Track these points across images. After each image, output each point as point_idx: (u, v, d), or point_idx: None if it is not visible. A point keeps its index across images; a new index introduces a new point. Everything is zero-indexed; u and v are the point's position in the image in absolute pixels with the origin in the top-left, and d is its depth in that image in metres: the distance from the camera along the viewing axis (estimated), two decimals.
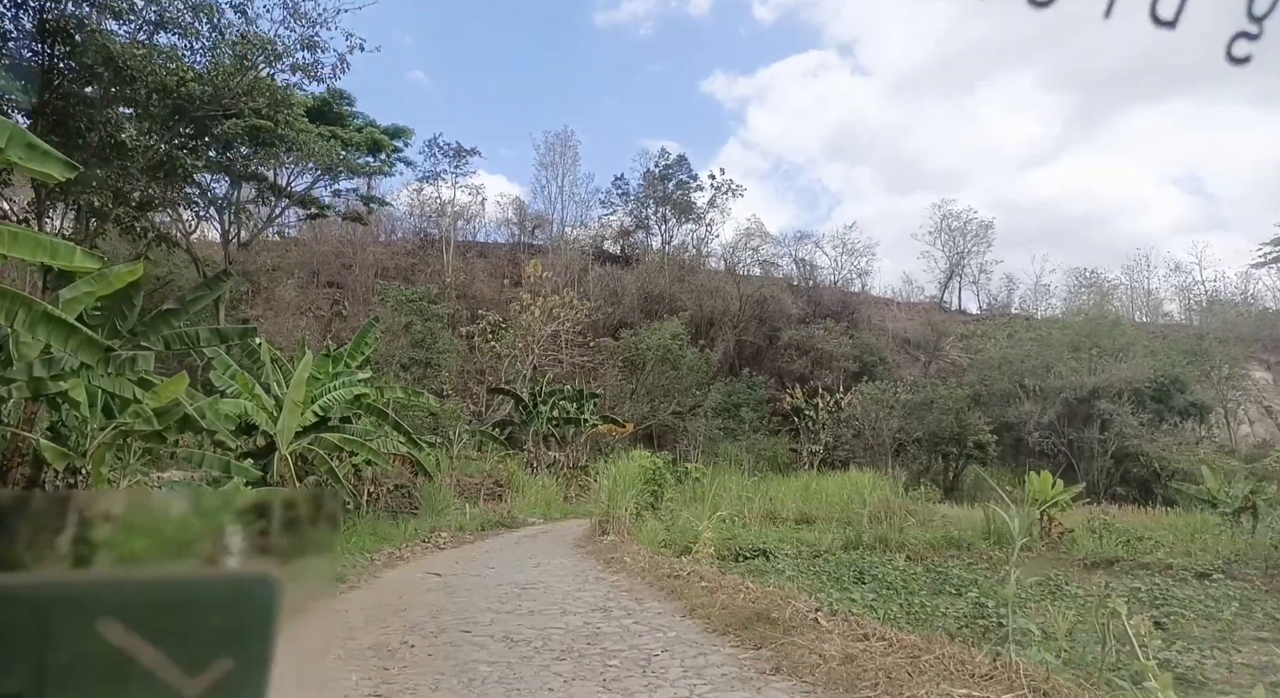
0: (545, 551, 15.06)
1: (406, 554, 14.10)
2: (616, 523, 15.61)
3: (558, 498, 24.95)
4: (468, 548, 15.93)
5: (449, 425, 22.29)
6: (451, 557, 14.24)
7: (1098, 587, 12.19)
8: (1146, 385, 34.74)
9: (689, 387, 34.24)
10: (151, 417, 8.18)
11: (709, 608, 7.45)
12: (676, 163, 50.43)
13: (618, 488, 15.88)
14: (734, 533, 15.70)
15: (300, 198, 30.31)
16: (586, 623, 7.44)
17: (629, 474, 16.32)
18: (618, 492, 15.79)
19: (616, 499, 15.71)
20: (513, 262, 50.27)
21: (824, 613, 6.71)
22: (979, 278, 57.91)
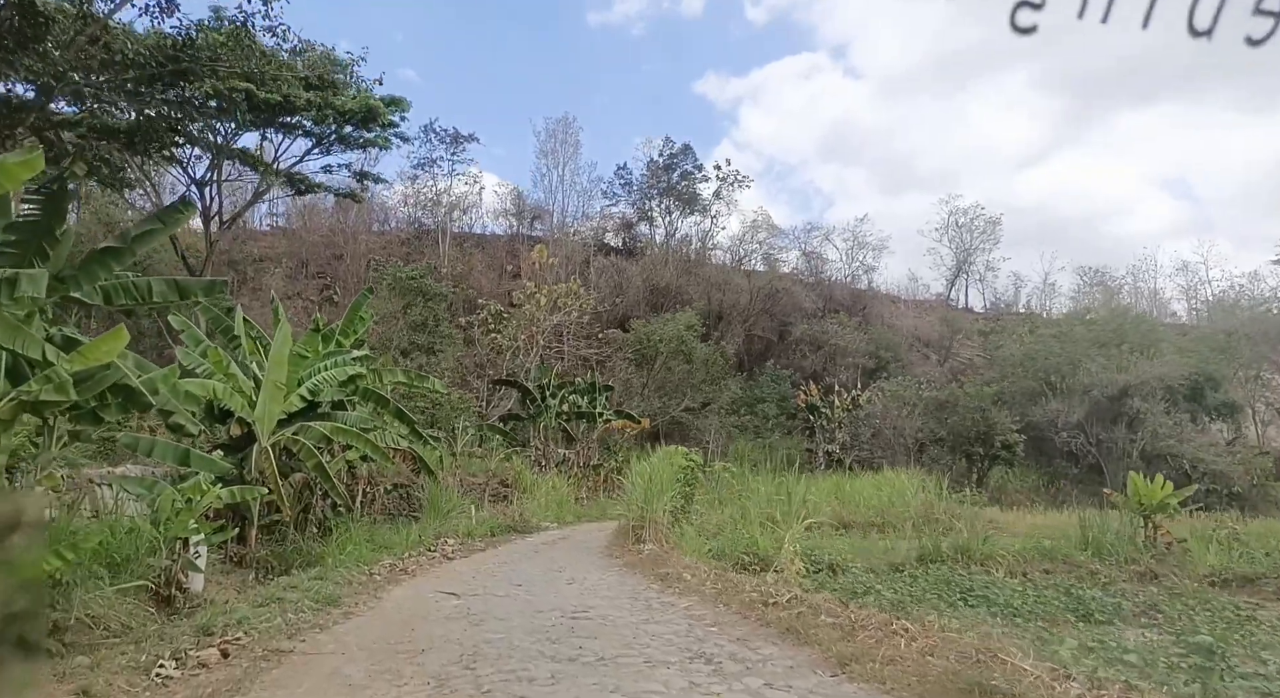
0: (573, 561, 12.69)
1: (411, 566, 11.70)
2: (654, 529, 13.25)
3: (569, 500, 22.57)
4: (480, 558, 13.54)
5: (455, 417, 19.87)
6: (465, 569, 11.85)
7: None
8: (1181, 383, 32.70)
9: (701, 382, 31.91)
10: (67, 383, 5.79)
11: (868, 662, 5.12)
12: (681, 152, 48.14)
13: (653, 489, 13.52)
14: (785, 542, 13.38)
15: (288, 175, 27.75)
16: (693, 684, 5.09)
17: (664, 474, 13.97)
18: (654, 493, 13.44)
19: (652, 502, 13.36)
20: (511, 253, 47.79)
21: (1072, 680, 4.38)
22: (985, 276, 55.88)
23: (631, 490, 14.46)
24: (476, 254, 48.47)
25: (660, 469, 14.19)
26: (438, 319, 25.49)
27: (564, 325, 31.57)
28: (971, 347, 47.42)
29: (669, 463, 14.49)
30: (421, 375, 13.96)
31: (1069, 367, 35.79)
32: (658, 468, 14.20)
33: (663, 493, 13.52)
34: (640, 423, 25.99)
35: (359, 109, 23.25)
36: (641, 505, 13.57)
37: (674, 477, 13.99)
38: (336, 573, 9.96)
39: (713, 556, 12.40)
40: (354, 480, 14.60)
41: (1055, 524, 22.17)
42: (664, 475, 13.83)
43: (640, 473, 14.52)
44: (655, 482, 13.71)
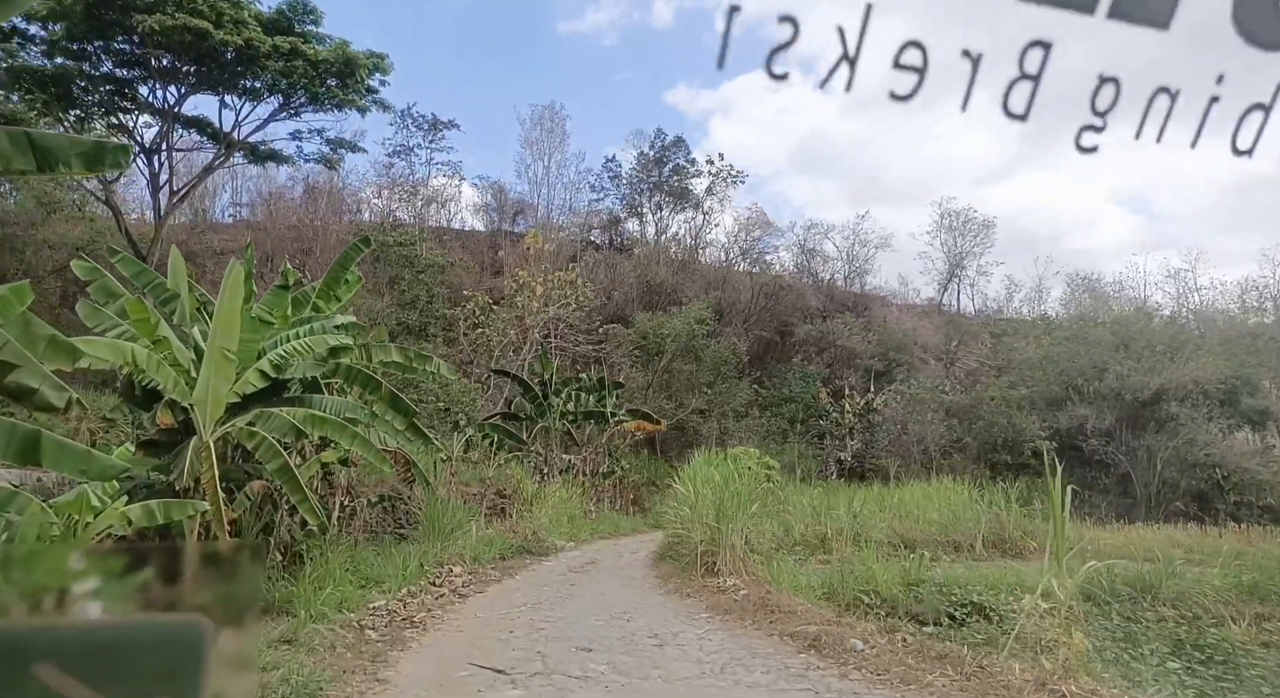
0: (632, 601, 9.35)
1: (416, 612, 8.25)
2: (730, 556, 9.95)
3: (578, 513, 19.17)
4: (501, 594, 10.13)
5: (457, 412, 16.40)
6: (491, 616, 8.45)
7: None
8: (1218, 387, 30.28)
9: (710, 381, 28.69)
10: None
11: None
12: (673, 145, 45.07)
13: (727, 503, 10.22)
14: (899, 571, 10.16)
15: (251, 148, 24.05)
16: None
17: (739, 485, 10.66)
18: (728, 509, 10.14)
19: (727, 520, 10.06)
20: (493, 248, 44.18)
21: None
22: (976, 280, 53.45)
23: (690, 504, 11.14)
24: (456, 251, 44.82)
25: (730, 478, 10.90)
26: (431, 295, 21.83)
27: (560, 319, 28.15)
28: (973, 352, 44.87)
29: (738, 469, 11.20)
30: (423, 355, 10.58)
31: (1093, 370, 33.25)
32: (726, 476, 10.90)
33: (740, 509, 10.23)
34: (659, 424, 22.69)
35: (335, 60, 19.73)
36: (713, 525, 10.25)
37: (752, 488, 10.72)
38: (313, 631, 6.52)
39: (827, 597, 9.16)
40: (331, 491, 11.11)
41: (1154, 542, 19.35)
42: (739, 488, 10.54)
43: (704, 482, 11.22)
44: (729, 495, 10.42)
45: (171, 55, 21.14)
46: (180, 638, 0.77)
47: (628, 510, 23.67)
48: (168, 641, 0.77)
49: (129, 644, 0.76)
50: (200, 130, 24.04)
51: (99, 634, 0.77)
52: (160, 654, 0.75)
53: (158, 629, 0.80)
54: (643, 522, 22.53)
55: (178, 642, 0.77)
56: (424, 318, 21.16)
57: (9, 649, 0.70)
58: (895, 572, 9.97)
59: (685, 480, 11.91)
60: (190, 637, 0.76)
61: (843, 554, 15.82)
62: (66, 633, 0.76)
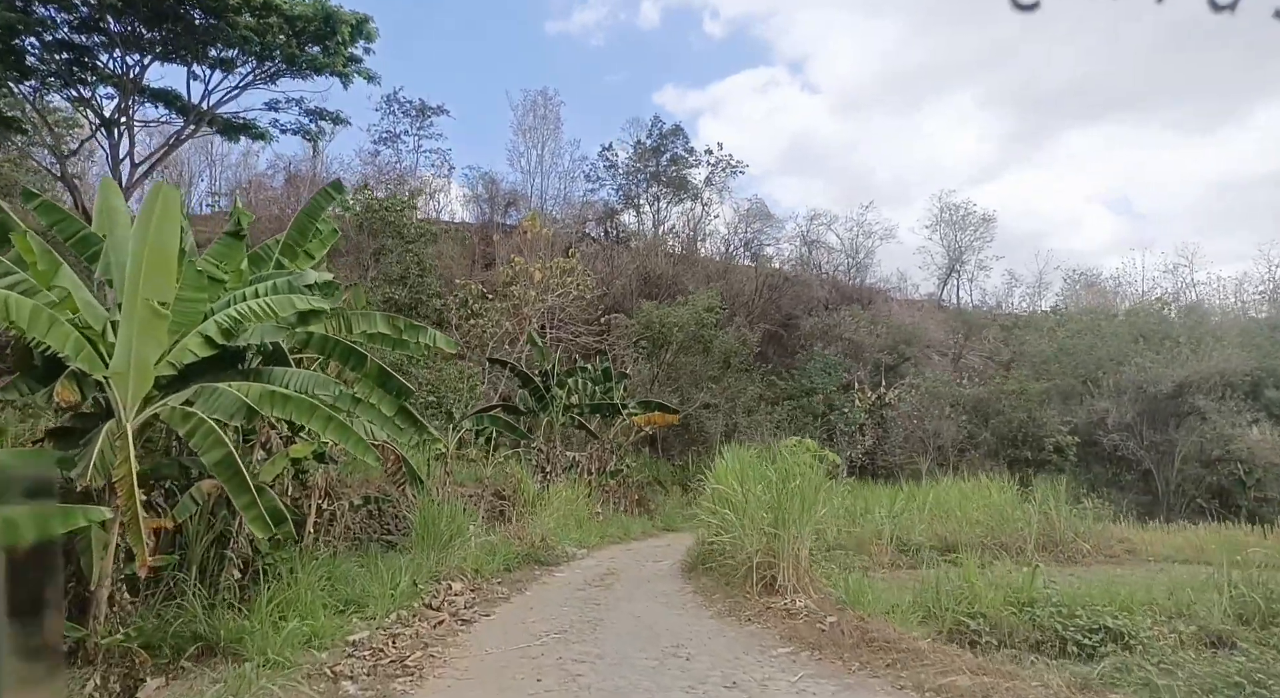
0: (681, 630, 7.38)
1: (408, 648, 6.27)
2: (794, 568, 8.01)
3: (585, 515, 17.19)
4: (512, 616, 8.15)
5: (453, 399, 14.38)
6: (507, 655, 6.46)
7: None
8: (1243, 378, 28.72)
9: (719, 374, 26.74)
10: None
11: None
12: (671, 134, 43.17)
13: (788, 504, 8.27)
14: (1003, 586, 8.24)
15: (225, 122, 21.90)
16: None
17: (802, 482, 8.69)
18: (790, 511, 8.20)
19: (789, 524, 8.12)
20: (484, 241, 42.04)
21: None
22: (976, 275, 51.89)
23: (739, 506, 9.17)
24: (445, 244, 42.64)
25: (786, 474, 8.94)
26: (422, 267, 19.66)
27: (560, 308, 26.14)
28: (975, 347, 43.22)
29: (795, 463, 9.24)
30: (415, 325, 8.59)
31: (1111, 363, 31.62)
32: (785, 472, 8.94)
33: (805, 511, 8.29)
34: (674, 415, 20.70)
35: (314, 16, 17.65)
36: (770, 531, 8.31)
37: (817, 485, 8.78)
38: (264, 692, 4.53)
39: (926, 620, 7.24)
40: (305, 493, 9.10)
41: (1201, 544, 17.60)
42: (803, 485, 8.59)
43: (755, 479, 9.27)
44: (789, 494, 8.47)
45: (133, 18, 19.06)
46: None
47: (633, 512, 21.72)
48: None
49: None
50: (168, 103, 21.86)
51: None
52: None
53: None
54: (651, 524, 20.61)
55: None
56: (414, 294, 18.99)
57: None
58: (991, 583, 8.07)
59: (726, 478, 9.96)
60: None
61: (881, 561, 14.01)
62: None
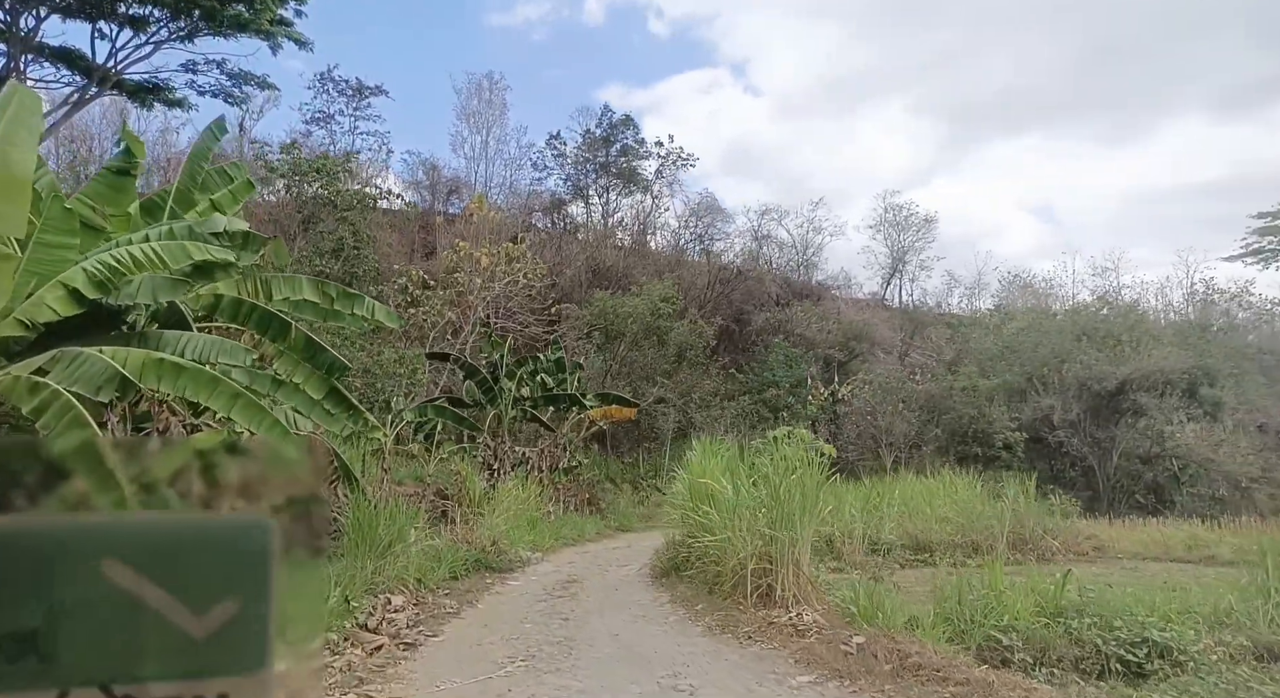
0: (670, 651, 6.16)
1: (335, 685, 4.90)
2: (794, 574, 6.89)
3: (537, 515, 15.84)
4: (465, 635, 6.82)
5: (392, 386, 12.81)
6: (459, 681, 5.15)
7: None
8: (1181, 376, 29.08)
9: (672, 368, 25.63)
10: None
11: None
12: (622, 123, 41.99)
13: (789, 501, 7.15)
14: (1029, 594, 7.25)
15: (137, 87, 19.78)
16: None
17: (797, 478, 7.56)
18: (792, 509, 7.07)
19: (792, 525, 7.00)
20: (424, 229, 40.08)
21: None
22: (918, 275, 52.22)
23: (729, 506, 8.00)
24: (382, 233, 40.48)
25: (787, 468, 7.79)
26: (359, 239, 17.78)
27: (507, 296, 24.61)
28: (918, 346, 43.30)
29: (783, 457, 8.09)
30: (351, 293, 7.14)
31: (1055, 360, 31.73)
32: (784, 466, 7.80)
33: (807, 510, 7.17)
34: (633, 408, 19.42)
35: None
36: (767, 533, 7.16)
37: (819, 480, 7.65)
38: None
39: (957, 638, 6.19)
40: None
41: (1164, 540, 17.21)
42: (803, 482, 7.46)
43: (745, 474, 8.11)
44: (787, 490, 7.34)
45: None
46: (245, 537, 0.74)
47: (583, 511, 20.43)
48: (233, 539, 0.74)
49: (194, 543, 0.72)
50: (69, 64, 19.61)
51: (164, 532, 0.72)
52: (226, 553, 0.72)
53: (223, 528, 0.77)
54: (605, 525, 19.36)
55: (243, 541, 0.73)
56: (349, 268, 17.19)
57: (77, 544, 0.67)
58: (1018, 589, 7.08)
59: (709, 471, 8.79)
60: (256, 536, 0.74)
61: (854, 561, 13.06)
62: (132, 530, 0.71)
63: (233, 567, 0.72)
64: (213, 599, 0.69)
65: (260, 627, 0.70)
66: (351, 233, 17.26)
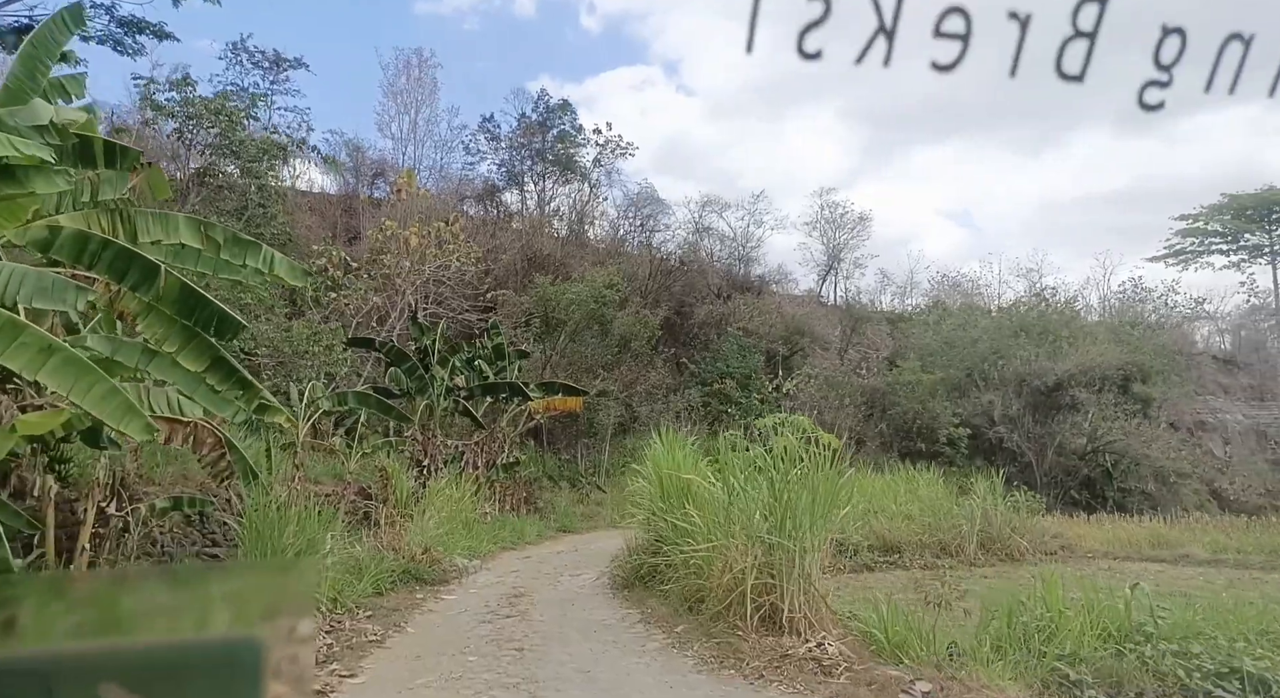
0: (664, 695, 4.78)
1: None
2: (804, 591, 5.59)
3: (472, 516, 14.23)
4: (391, 677, 5.26)
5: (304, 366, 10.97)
6: None
7: None
8: (1116, 372, 29.35)
9: (613, 359, 24.21)
10: None
11: None
12: (559, 108, 40.29)
13: (795, 501, 5.86)
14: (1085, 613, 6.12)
15: None
16: None
17: (807, 472, 6.27)
18: (797, 512, 5.79)
19: (802, 531, 5.71)
20: (347, 213, 37.49)
21: None
22: (852, 273, 52.05)
23: (720, 506, 6.66)
24: (302, 217, 37.65)
25: (792, 460, 6.49)
26: (265, 195, 15.55)
27: (439, 281, 22.73)
28: (859, 341, 43.11)
29: (782, 448, 6.80)
30: (244, 238, 5.50)
31: (993, 355, 31.70)
32: (790, 457, 6.48)
33: (819, 513, 5.90)
34: (581, 398, 17.86)
35: None
36: (771, 539, 5.84)
37: (832, 475, 6.37)
38: None
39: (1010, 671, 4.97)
40: (80, 492, 5.86)
41: (1129, 538, 16.77)
42: (815, 477, 6.17)
43: (739, 467, 6.78)
44: (794, 488, 6.04)
45: None
46: (237, 656, 0.76)
47: (520, 511, 18.85)
48: (226, 659, 0.77)
49: (188, 664, 0.75)
50: None
51: (160, 655, 0.76)
52: (218, 673, 0.75)
53: (216, 648, 0.80)
54: (545, 526, 17.82)
55: (235, 660, 0.76)
56: (255, 231, 15.04)
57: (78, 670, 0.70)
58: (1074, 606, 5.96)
59: (687, 464, 7.44)
60: (247, 655, 0.76)
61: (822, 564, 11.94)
62: (130, 654, 0.75)
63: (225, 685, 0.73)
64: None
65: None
66: (257, 188, 15.07)
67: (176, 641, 0.82)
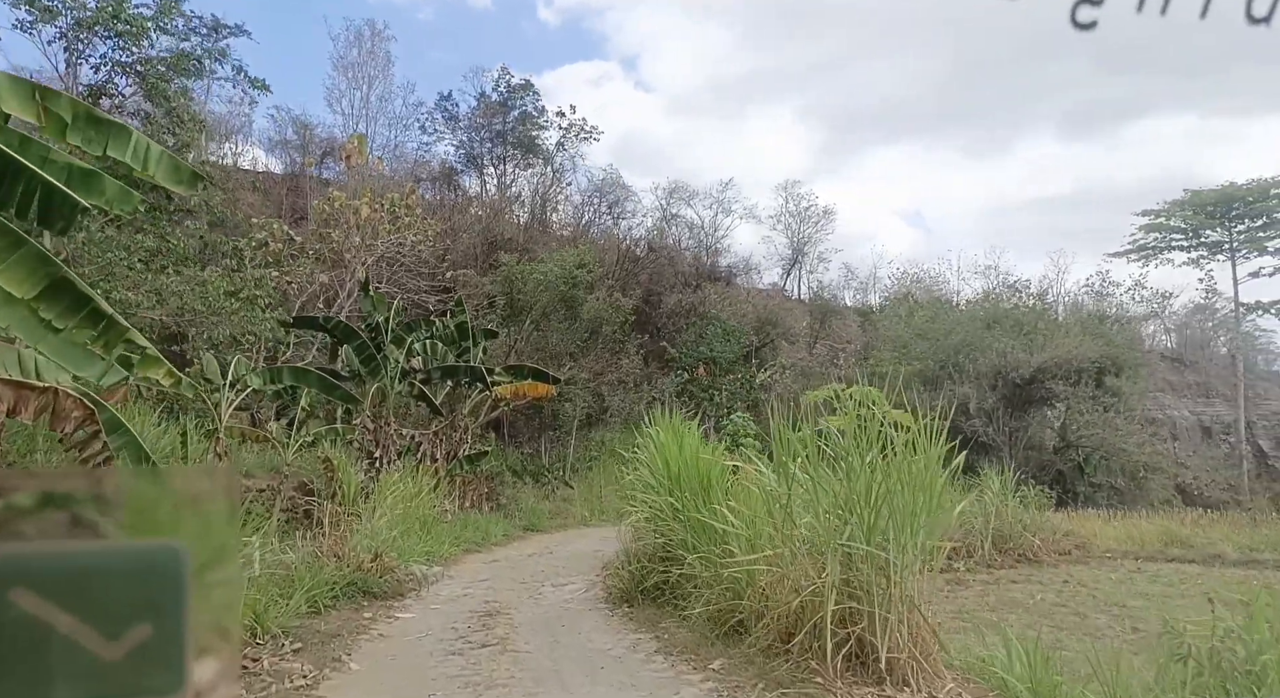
0: None
1: None
2: (913, 631, 3.96)
3: (431, 514, 12.38)
4: None
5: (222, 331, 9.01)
6: None
7: None
8: (1091, 364, 28.70)
9: (587, 344, 22.45)
10: None
11: None
12: (521, 88, 38.25)
13: (888, 497, 4.27)
14: None
15: None
16: None
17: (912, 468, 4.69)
18: (899, 509, 4.20)
19: (902, 544, 4.12)
20: (293, 192, 34.86)
21: None
22: (817, 267, 51.05)
23: (778, 505, 5.03)
24: (246, 197, 34.89)
25: (872, 441, 4.89)
26: (179, 122, 13.10)
27: (393, 258, 20.70)
28: (827, 334, 42.18)
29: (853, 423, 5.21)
30: (108, 119, 3.74)
31: (966, 348, 30.83)
32: (870, 438, 4.88)
33: (915, 515, 4.29)
34: (553, 384, 16.04)
35: None
36: (856, 547, 4.21)
37: (931, 464, 4.76)
38: None
39: None
40: None
41: (1139, 536, 15.66)
42: (906, 466, 4.57)
43: (803, 450, 5.15)
44: (880, 480, 4.43)
45: None
46: (158, 563, 0.72)
47: (482, 508, 17.04)
48: (146, 566, 0.72)
49: (106, 570, 0.71)
50: None
51: (76, 560, 0.72)
52: (139, 580, 0.71)
53: (135, 554, 0.75)
54: (511, 525, 16.05)
55: (156, 567, 0.72)
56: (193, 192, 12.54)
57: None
58: None
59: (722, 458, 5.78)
60: (168, 562, 0.72)
61: None
62: (43, 559, 0.71)
63: (146, 592, 0.70)
64: (126, 624, 0.68)
65: (175, 649, 0.69)
66: (165, 113, 12.62)
67: (93, 545, 0.77)
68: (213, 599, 0.78)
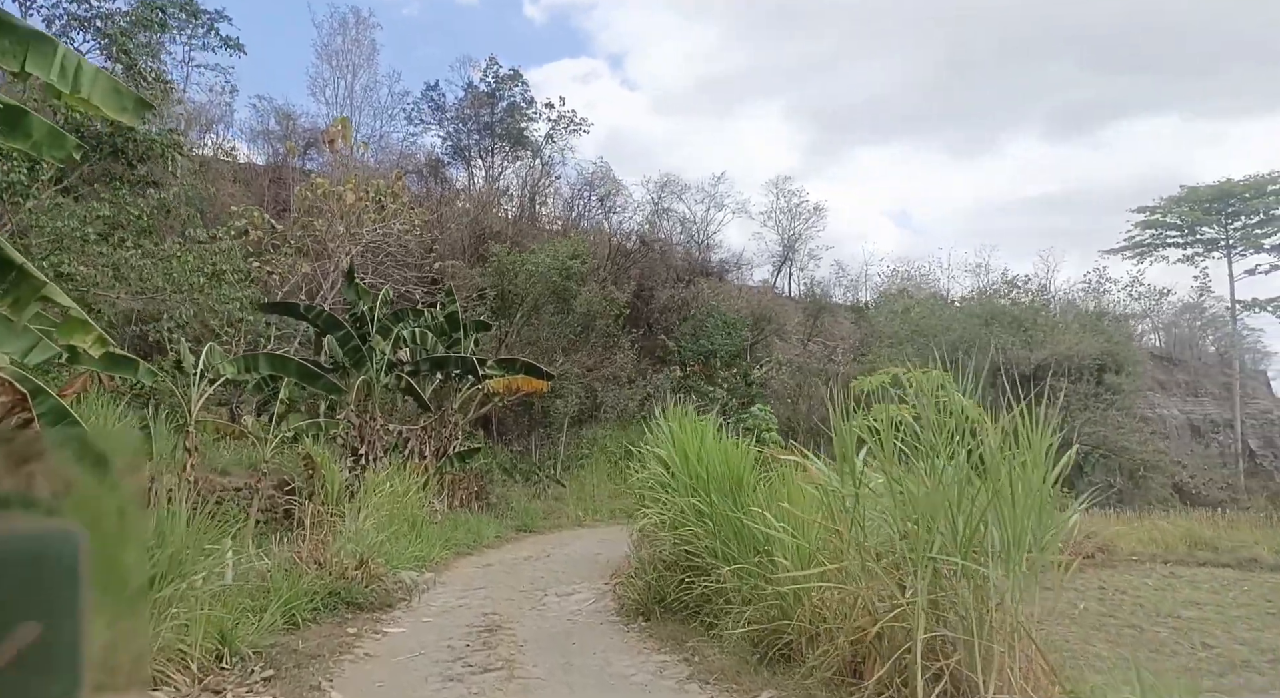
0: None
1: None
2: (1020, 654, 3.24)
3: (420, 514, 11.58)
4: None
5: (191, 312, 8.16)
6: None
7: None
8: (1093, 361, 28.28)
9: (579, 338, 21.66)
10: None
11: None
12: (510, 79, 37.35)
13: (994, 504, 3.56)
14: None
15: None
16: None
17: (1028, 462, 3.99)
18: (1005, 523, 3.49)
19: (1009, 549, 3.41)
20: (275, 183, 33.75)
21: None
22: (807, 264, 50.40)
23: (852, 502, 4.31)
24: (227, 188, 33.75)
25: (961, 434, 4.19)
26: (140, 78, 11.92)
27: (379, 248, 19.81)
28: (820, 330, 41.58)
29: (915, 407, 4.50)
30: (27, 28, 3.01)
31: (963, 343, 30.27)
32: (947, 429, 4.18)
33: (1042, 524, 3.58)
34: (546, 380, 15.21)
35: None
36: (944, 563, 3.49)
37: (1040, 469, 4.06)
38: None
39: None
40: None
41: (1161, 537, 15.07)
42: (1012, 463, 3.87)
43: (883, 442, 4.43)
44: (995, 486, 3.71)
45: None
46: (52, 548, 0.66)
47: (472, 507, 16.24)
48: (38, 552, 0.66)
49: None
50: None
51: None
52: (31, 566, 0.64)
53: (27, 540, 0.69)
54: (503, 525, 15.27)
55: (49, 553, 0.66)
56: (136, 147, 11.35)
57: None
58: None
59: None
60: (63, 547, 0.66)
61: None
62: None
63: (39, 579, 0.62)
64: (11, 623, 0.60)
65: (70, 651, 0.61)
66: (126, 67, 11.52)
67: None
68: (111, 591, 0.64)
